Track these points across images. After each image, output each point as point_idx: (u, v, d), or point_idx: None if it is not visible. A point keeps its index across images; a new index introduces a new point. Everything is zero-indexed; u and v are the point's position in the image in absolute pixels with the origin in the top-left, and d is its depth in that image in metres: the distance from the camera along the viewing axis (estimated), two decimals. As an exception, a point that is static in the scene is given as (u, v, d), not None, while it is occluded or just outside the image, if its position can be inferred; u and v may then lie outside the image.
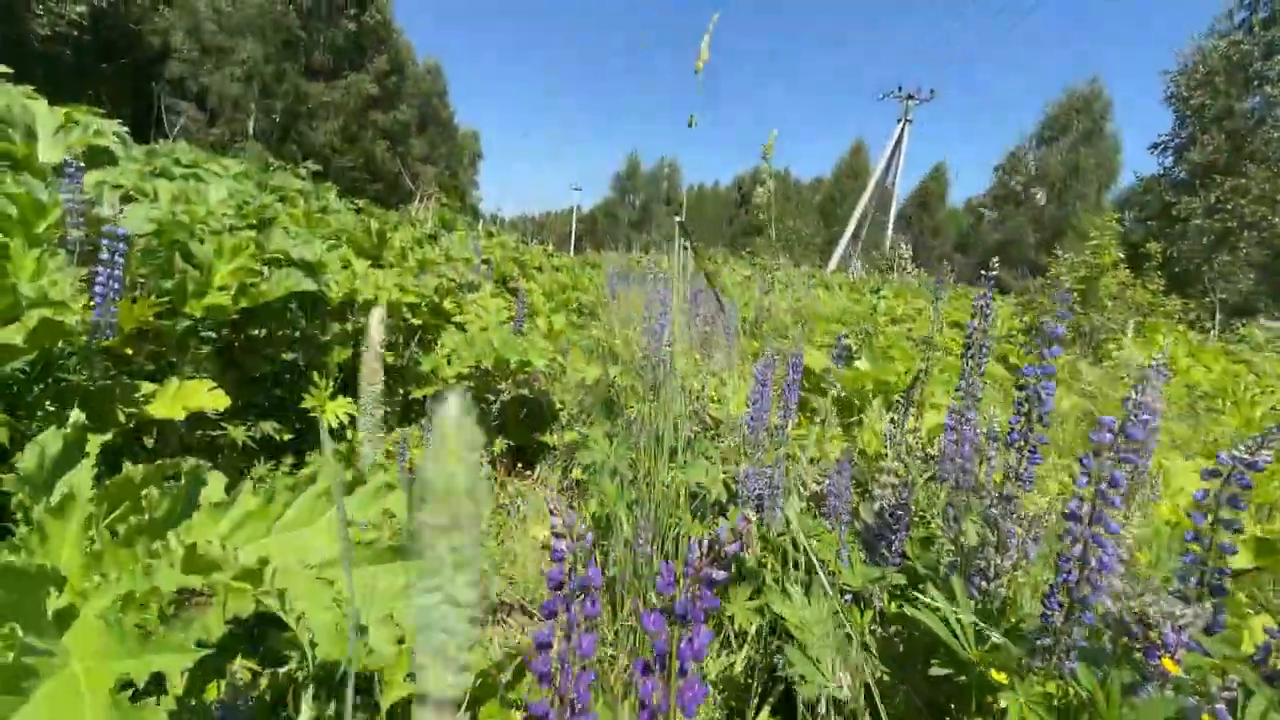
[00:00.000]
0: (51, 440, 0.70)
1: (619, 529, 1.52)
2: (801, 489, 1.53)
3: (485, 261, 6.41)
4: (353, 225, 4.82)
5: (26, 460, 0.66)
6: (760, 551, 1.41)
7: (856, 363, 2.88)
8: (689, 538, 1.47)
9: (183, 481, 0.72)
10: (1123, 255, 6.28)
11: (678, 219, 2.01)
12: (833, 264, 24.86)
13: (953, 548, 0.90)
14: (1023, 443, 0.78)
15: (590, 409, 3.08)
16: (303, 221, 3.69)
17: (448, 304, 3.57)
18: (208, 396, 1.67)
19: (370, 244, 3.99)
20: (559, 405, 3.28)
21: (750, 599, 1.37)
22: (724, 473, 1.49)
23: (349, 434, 2.70)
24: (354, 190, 25.13)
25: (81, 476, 0.63)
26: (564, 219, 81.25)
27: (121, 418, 1.53)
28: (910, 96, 25.59)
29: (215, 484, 0.79)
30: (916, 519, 1.34)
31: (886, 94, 26.42)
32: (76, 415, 0.79)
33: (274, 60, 25.28)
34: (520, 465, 3.13)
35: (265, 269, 2.37)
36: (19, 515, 0.63)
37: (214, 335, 2.18)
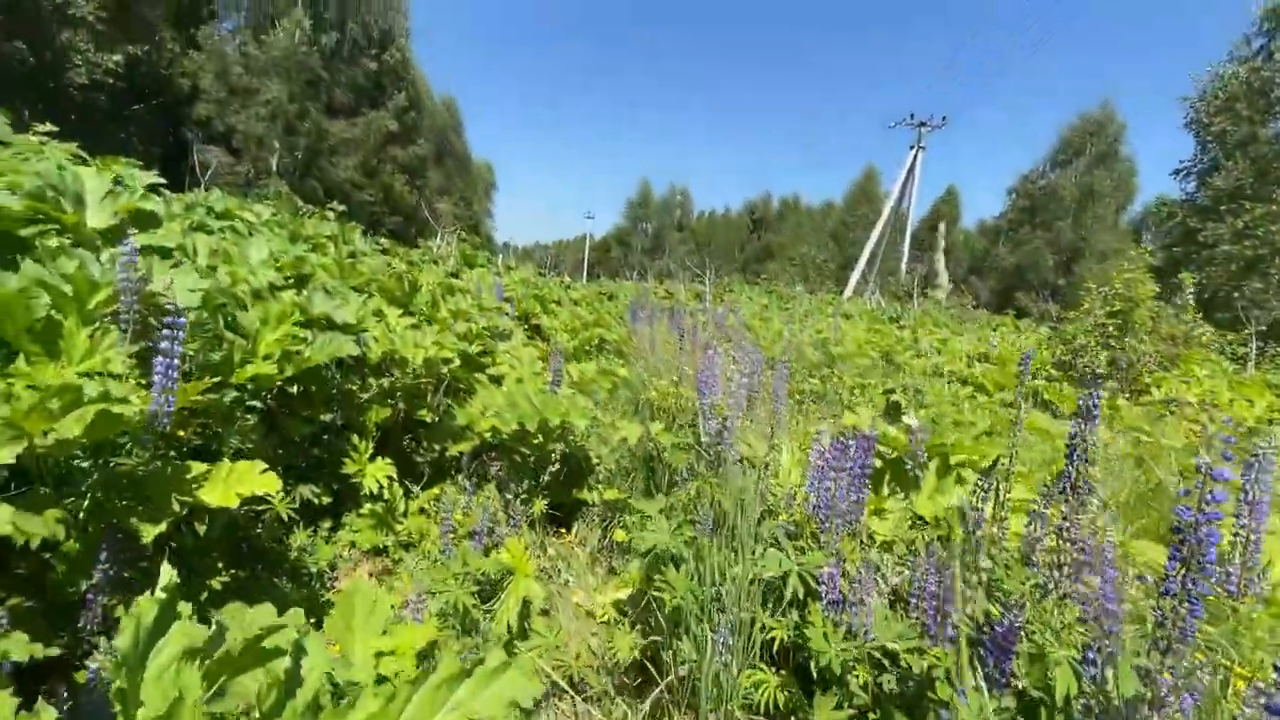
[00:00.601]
0: (146, 610, 0.64)
1: (688, 624, 1.44)
2: (881, 580, 1.44)
3: (508, 299, 6.41)
4: (381, 269, 4.85)
5: (123, 638, 0.61)
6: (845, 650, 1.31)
7: (904, 418, 2.79)
8: (769, 637, 1.38)
9: (287, 663, 0.66)
10: (1158, 288, 6.15)
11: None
12: (849, 290, 24.77)
13: (1093, 697, 0.81)
14: (1183, 593, 0.70)
15: (630, 468, 3.01)
16: (335, 272, 3.70)
17: (476, 348, 3.54)
18: (259, 480, 1.62)
19: (401, 291, 3.99)
20: (595, 459, 3.21)
21: (837, 709, 1.27)
22: (798, 564, 1.41)
23: (388, 494, 2.65)
24: (373, 224, 25.59)
25: (189, 679, 0.57)
26: (577, 246, 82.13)
27: (176, 506, 1.48)
28: (923, 124, 25.72)
29: (317, 651, 0.73)
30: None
31: (898, 122, 26.60)
32: (168, 576, 0.74)
33: (297, 99, 26.05)
34: (555, 523, 3.05)
35: (308, 333, 2.35)
36: (118, 705, 0.57)
37: (258, 405, 2.15)
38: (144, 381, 2.00)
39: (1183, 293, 6.98)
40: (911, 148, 26.17)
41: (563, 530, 3.03)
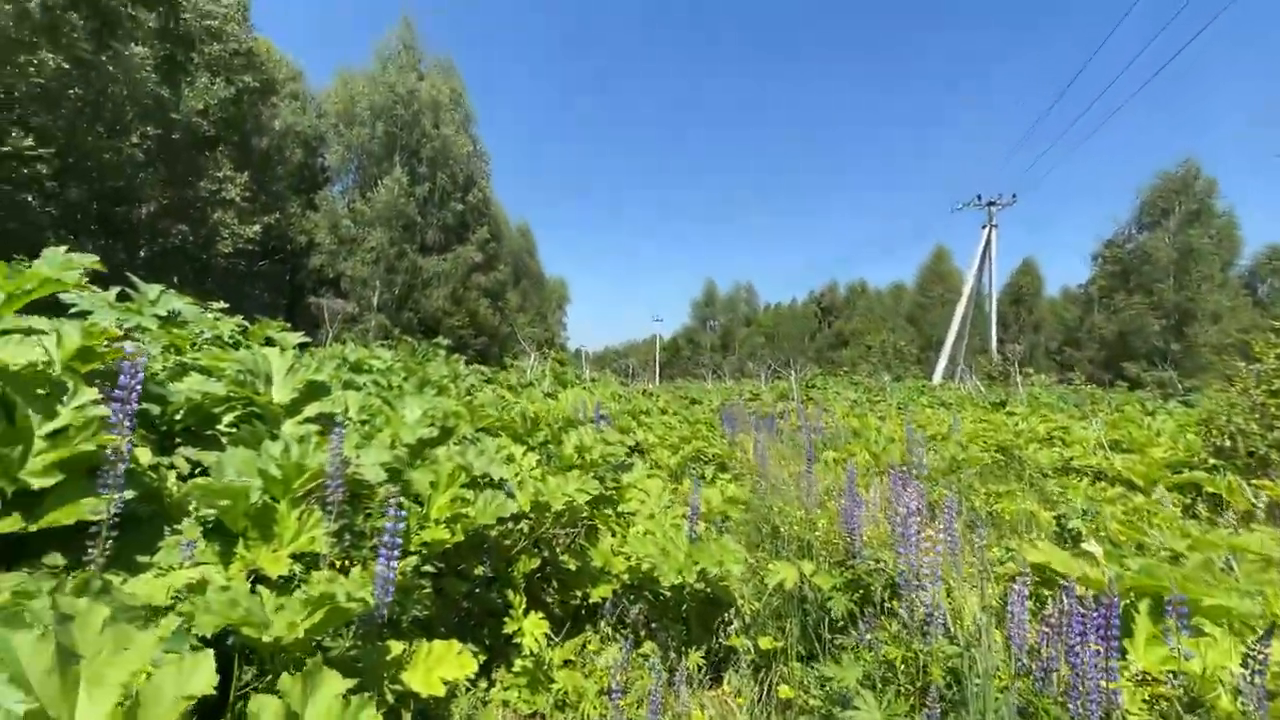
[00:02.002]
0: None
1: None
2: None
3: (603, 417, 6.53)
4: (493, 401, 5.09)
5: None
6: None
7: (1084, 545, 2.54)
8: None
9: None
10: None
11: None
12: (938, 374, 23.74)
13: None
14: None
15: (780, 611, 2.85)
16: (468, 418, 3.93)
17: (608, 486, 3.56)
18: (457, 662, 1.65)
19: (524, 428, 4.16)
20: (739, 599, 3.08)
21: None
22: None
23: (544, 653, 2.60)
24: (461, 346, 27.38)
25: None
26: (646, 349, 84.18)
27: (389, 696, 1.51)
28: (991, 203, 25.50)
29: None
30: None
31: (965, 204, 26.51)
32: None
33: (396, 243, 29.20)
34: (700, 670, 2.89)
35: (471, 493, 2.46)
36: None
37: (433, 570, 2.23)
38: (345, 558, 2.13)
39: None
40: (983, 226, 25.82)
41: (712, 681, 2.86)
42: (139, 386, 1.39)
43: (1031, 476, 6.39)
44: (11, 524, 1.56)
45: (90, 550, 1.43)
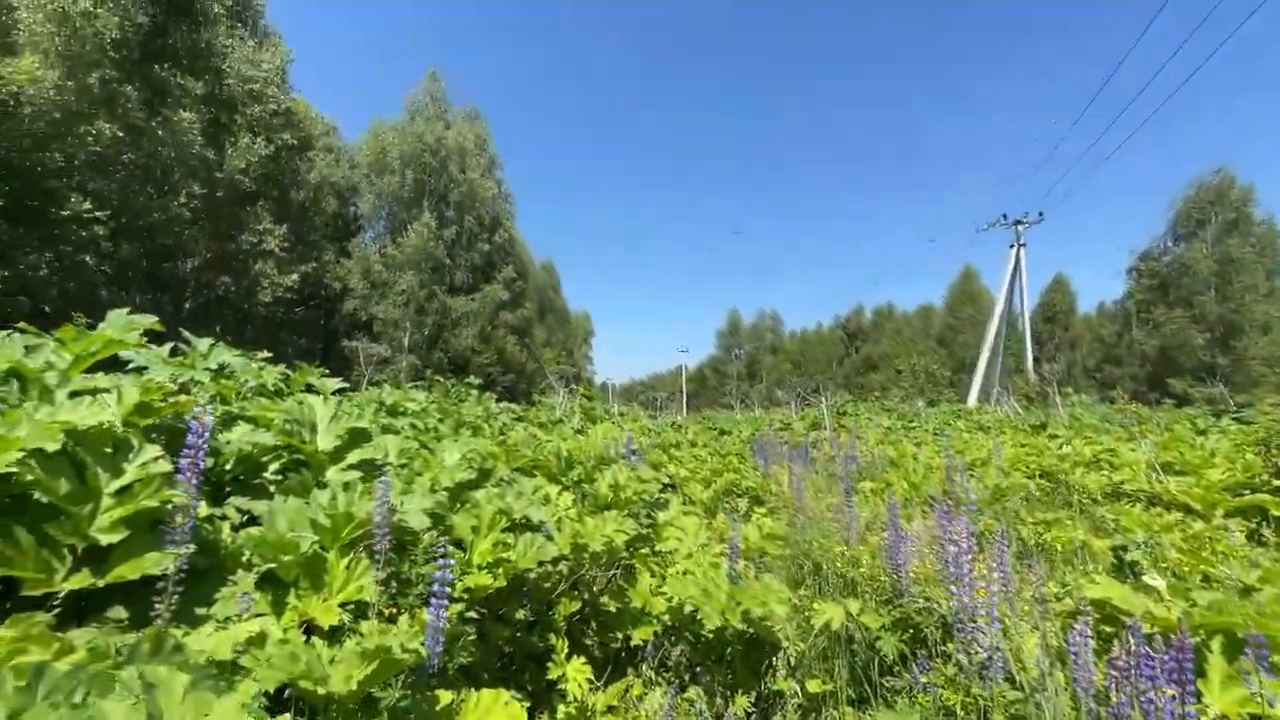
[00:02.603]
0: None
1: None
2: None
3: (634, 452, 6.51)
4: (526, 440, 5.12)
5: None
6: None
7: (1145, 579, 2.43)
8: None
9: None
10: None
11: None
12: (973, 397, 23.16)
13: None
14: None
15: (827, 652, 2.78)
16: (504, 458, 3.97)
17: (645, 524, 3.55)
18: (505, 712, 1.64)
19: (558, 468, 4.18)
20: (784, 640, 3.01)
21: None
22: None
23: (587, 699, 2.57)
24: (489, 384, 27.72)
25: None
26: (671, 380, 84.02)
27: (439, 750, 1.51)
28: (1018, 222, 25.17)
29: None
30: None
31: (990, 224, 26.23)
32: None
33: (426, 285, 29.98)
34: (751, 719, 2.81)
35: (511, 536, 2.47)
36: None
37: (476, 616, 2.24)
38: (392, 605, 2.16)
39: None
40: (1011, 246, 25.45)
41: (759, 726, 2.78)
42: (205, 445, 1.46)
43: (1080, 503, 6.14)
44: (82, 580, 1.62)
45: (156, 603, 1.48)
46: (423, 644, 1.50)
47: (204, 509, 2.18)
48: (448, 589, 1.50)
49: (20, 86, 10.61)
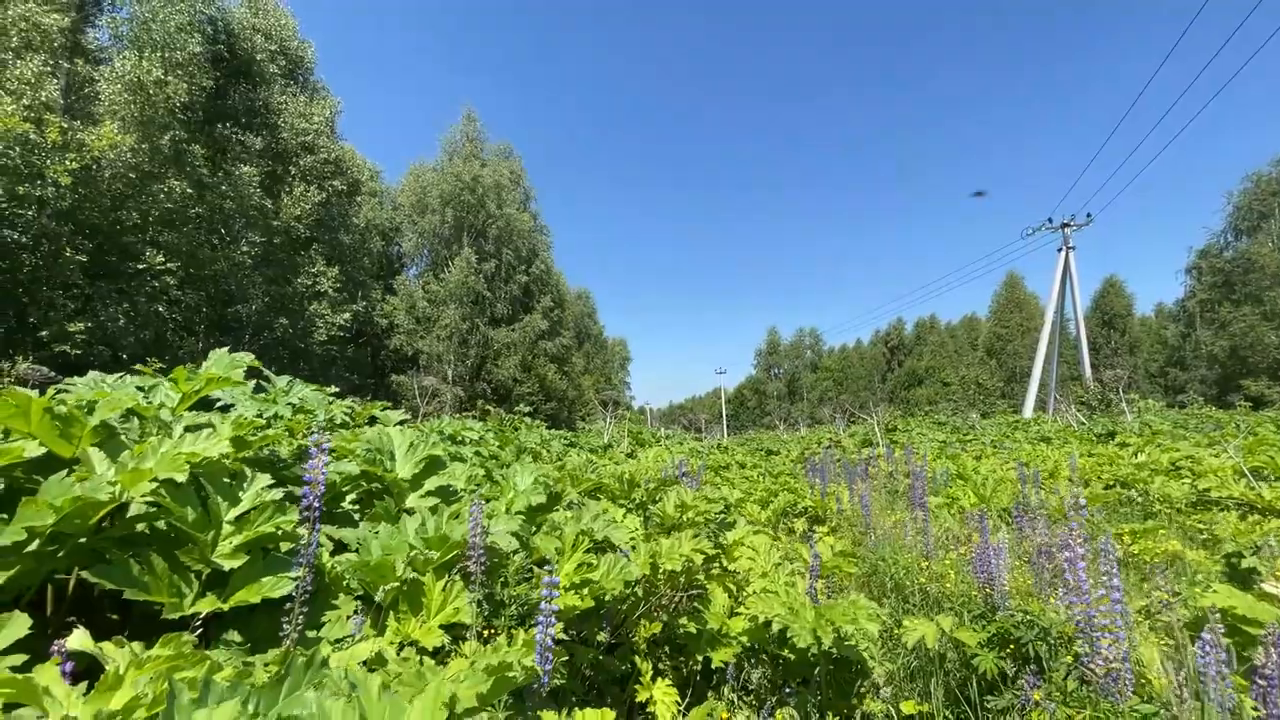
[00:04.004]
0: None
1: None
2: None
3: (686, 474, 6.46)
4: (583, 465, 5.16)
5: None
6: None
7: (1264, 587, 2.29)
8: None
9: None
10: None
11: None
12: (1029, 408, 22.23)
13: None
14: None
15: (919, 671, 2.68)
16: (569, 482, 4.01)
17: (714, 544, 3.51)
18: (609, 731, 1.64)
19: (621, 490, 4.19)
20: (870, 661, 2.92)
21: None
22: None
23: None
24: (533, 413, 28.01)
25: None
26: (709, 402, 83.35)
27: (552, 770, 1.52)
28: (1065, 224, 24.34)
29: None
30: None
31: (1035, 228, 25.43)
32: None
33: (468, 318, 30.73)
34: (840, 741, 2.72)
35: (594, 558, 2.49)
36: None
37: (565, 639, 2.25)
38: (487, 627, 2.19)
39: None
40: (1059, 250, 24.59)
41: (850, 752, 2.69)
42: (325, 471, 1.54)
43: (1163, 513, 5.81)
44: (209, 604, 1.71)
45: (285, 623, 1.55)
46: (533, 662, 1.52)
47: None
48: (555, 607, 1.52)
49: (101, 152, 11.52)
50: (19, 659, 1.29)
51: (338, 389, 5.03)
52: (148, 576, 1.66)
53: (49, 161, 9.99)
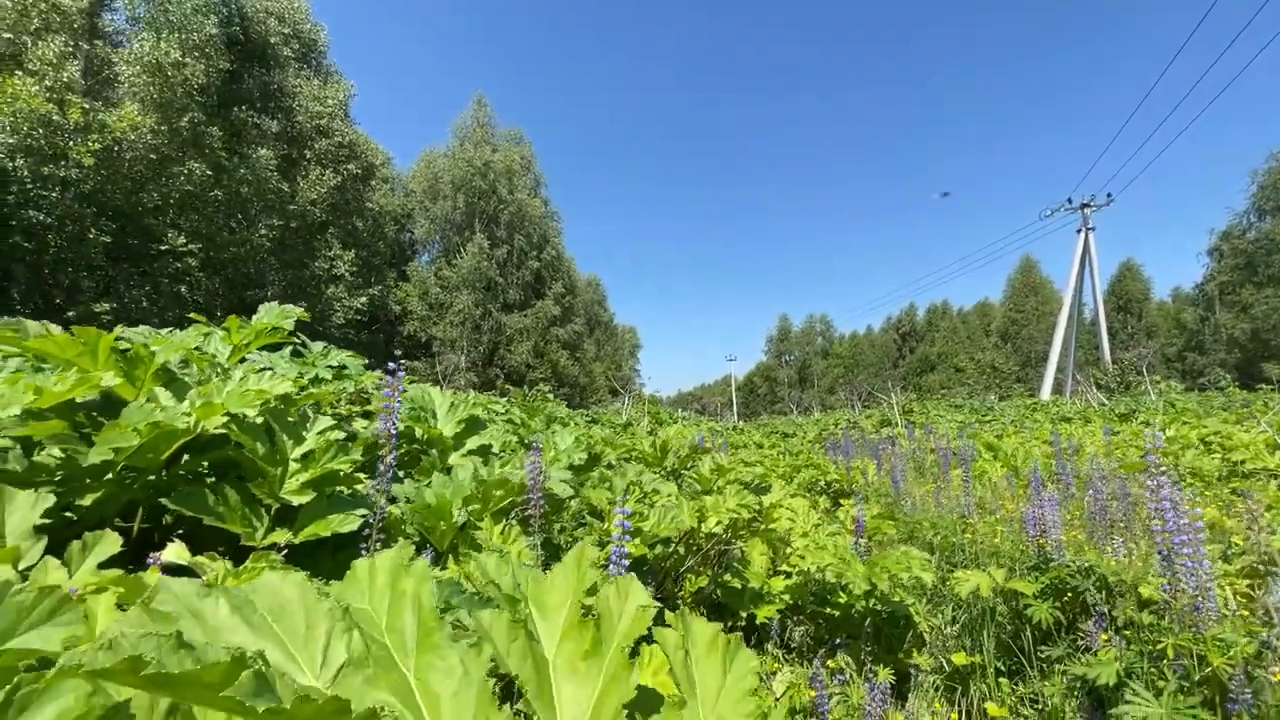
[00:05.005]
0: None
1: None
2: None
3: (705, 450, 6.47)
4: (610, 439, 5.16)
5: None
6: None
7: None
8: None
9: None
10: None
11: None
12: (1046, 390, 22.00)
13: None
14: None
15: (970, 625, 2.68)
16: (609, 446, 4.02)
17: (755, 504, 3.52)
18: (656, 681, 1.64)
19: (654, 457, 4.21)
20: (914, 615, 2.91)
21: None
22: None
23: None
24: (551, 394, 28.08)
25: None
26: (719, 389, 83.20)
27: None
28: (1085, 205, 23.91)
29: None
30: None
31: (1054, 209, 25.01)
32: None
33: (480, 304, 30.81)
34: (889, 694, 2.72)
35: (644, 508, 2.49)
36: None
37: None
38: (545, 569, 2.21)
39: None
40: (1078, 230, 24.19)
41: (896, 701, 2.69)
42: (399, 404, 1.54)
43: (1194, 485, 5.75)
44: (281, 536, 1.73)
45: (363, 551, 1.56)
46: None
47: (364, 484, 2.30)
48: (626, 550, 1.52)
49: (122, 133, 11.60)
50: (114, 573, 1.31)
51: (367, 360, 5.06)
52: (222, 507, 1.68)
53: (71, 142, 10.07)
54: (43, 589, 0.55)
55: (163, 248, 12.51)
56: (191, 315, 2.41)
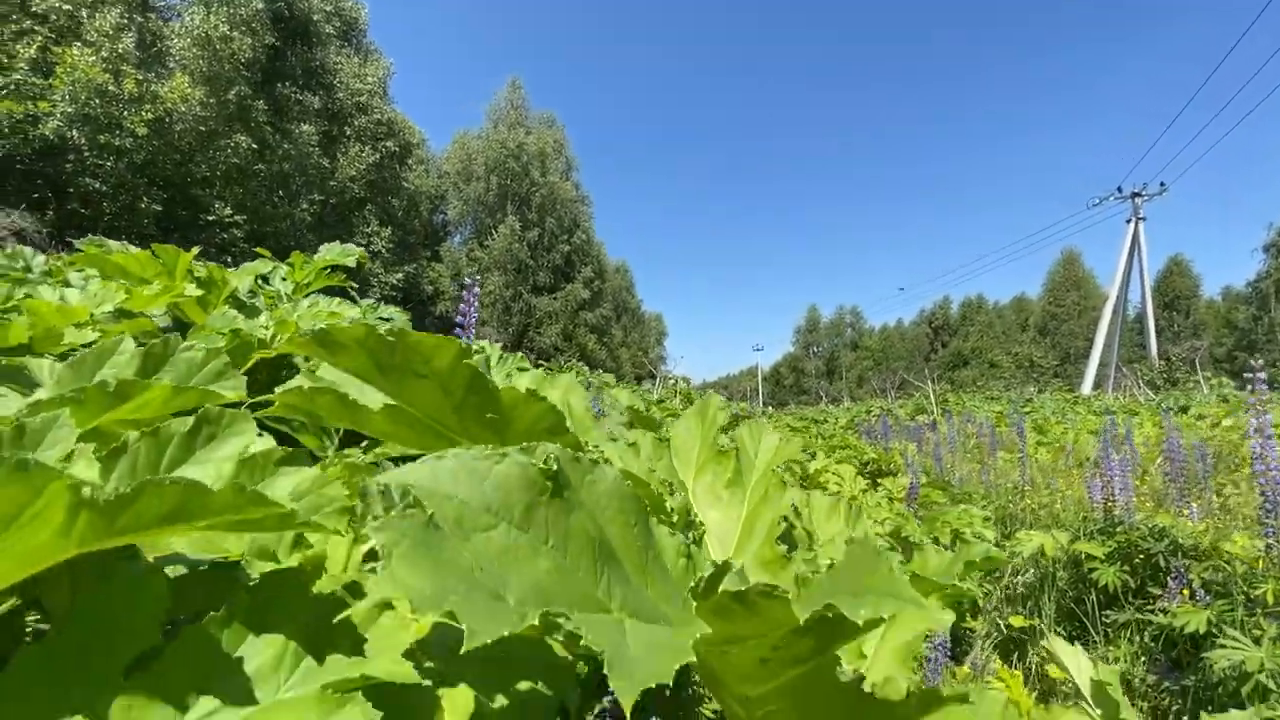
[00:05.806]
0: None
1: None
2: None
3: (745, 417, 6.43)
4: (651, 402, 5.13)
5: None
6: None
7: None
8: None
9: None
10: None
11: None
12: (1088, 385, 21.32)
13: None
14: None
15: (1031, 589, 2.61)
16: (661, 407, 4.01)
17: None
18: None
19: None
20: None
21: None
22: None
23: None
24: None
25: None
26: (744, 379, 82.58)
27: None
28: (1136, 194, 22.94)
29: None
30: None
31: (1102, 199, 24.06)
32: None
33: (511, 285, 31.04)
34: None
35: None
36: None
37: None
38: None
39: None
40: (1128, 220, 23.25)
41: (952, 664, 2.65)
42: (476, 301, 1.55)
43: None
44: (352, 454, 1.74)
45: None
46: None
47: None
48: None
49: (173, 105, 11.91)
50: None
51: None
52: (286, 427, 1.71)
53: (125, 112, 10.38)
54: (211, 350, 0.56)
55: (210, 218, 12.89)
56: (258, 250, 2.46)
